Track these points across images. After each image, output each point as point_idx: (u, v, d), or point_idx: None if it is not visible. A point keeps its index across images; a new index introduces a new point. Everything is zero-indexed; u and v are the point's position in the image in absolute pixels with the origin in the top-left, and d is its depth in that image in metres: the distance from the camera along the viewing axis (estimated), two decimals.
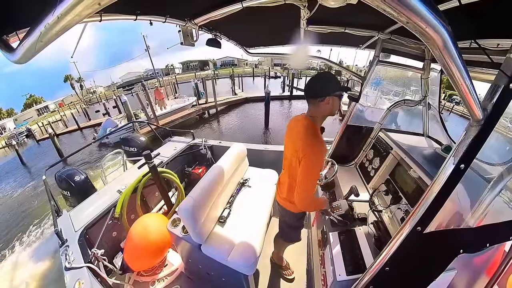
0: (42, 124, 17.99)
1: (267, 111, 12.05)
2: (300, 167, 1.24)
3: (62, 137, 15.40)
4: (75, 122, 17.03)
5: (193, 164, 3.34)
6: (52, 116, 26.18)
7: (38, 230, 5.80)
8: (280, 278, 2.01)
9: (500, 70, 0.64)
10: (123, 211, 2.09)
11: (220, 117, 14.70)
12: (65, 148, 12.26)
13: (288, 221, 1.67)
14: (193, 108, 13.91)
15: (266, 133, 11.65)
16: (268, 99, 11.84)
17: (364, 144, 2.28)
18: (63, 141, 14.57)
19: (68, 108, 29.37)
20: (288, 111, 16.09)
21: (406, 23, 0.52)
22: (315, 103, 1.25)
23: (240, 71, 42.94)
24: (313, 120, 1.29)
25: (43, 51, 0.60)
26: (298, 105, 17.19)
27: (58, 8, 0.48)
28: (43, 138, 16.24)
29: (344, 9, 1.01)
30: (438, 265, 0.93)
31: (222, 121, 14.09)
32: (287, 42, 2.25)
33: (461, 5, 0.91)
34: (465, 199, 0.93)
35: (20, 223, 6.39)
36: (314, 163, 1.23)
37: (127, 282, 2.01)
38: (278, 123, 12.89)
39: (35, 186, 8.99)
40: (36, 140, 16.26)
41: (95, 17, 1.03)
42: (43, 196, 7.45)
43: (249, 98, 17.81)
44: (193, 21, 1.47)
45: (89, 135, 14.85)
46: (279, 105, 17.34)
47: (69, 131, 16.58)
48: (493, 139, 0.78)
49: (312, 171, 1.24)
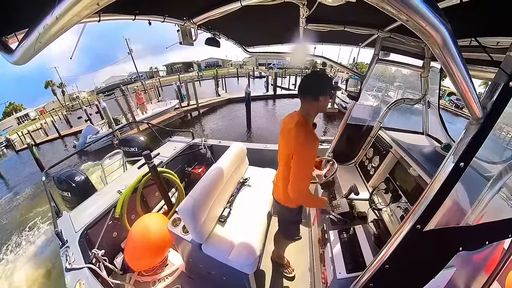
0: (22, 133, 16.36)
1: (248, 112, 11.84)
2: (293, 162, 1.27)
3: (42, 146, 14.62)
4: (55, 130, 16.01)
5: (193, 164, 3.34)
6: (32, 125, 24.09)
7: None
8: (281, 277, 2.02)
9: (500, 68, 0.64)
10: (123, 212, 2.09)
11: (203, 119, 14.45)
12: (47, 158, 11.68)
13: (285, 216, 1.68)
14: (175, 111, 13.55)
15: (248, 134, 11.41)
16: (248, 100, 11.59)
17: (364, 142, 2.28)
18: (44, 150, 13.86)
19: (49, 115, 27.27)
20: (272, 111, 15.99)
21: (406, 21, 0.52)
22: (308, 101, 1.29)
23: (224, 72, 42.78)
24: (305, 117, 1.32)
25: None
26: (282, 104, 17.04)
27: (56, 9, 0.48)
28: (23, 148, 14.87)
29: (343, 7, 1.00)
30: (437, 262, 0.94)
31: (204, 123, 13.83)
32: (286, 41, 2.24)
33: (461, 3, 0.91)
34: (464, 197, 0.94)
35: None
36: (306, 157, 1.26)
37: (128, 282, 2.01)
38: (262, 123, 12.72)
39: (10, 198, 8.44)
40: (15, 151, 15.03)
41: (94, 17, 1.02)
42: (21, 209, 7.26)
43: (232, 99, 17.47)
44: (191, 20, 1.46)
45: (71, 143, 13.56)
46: (263, 105, 17.15)
47: (50, 140, 15.59)
48: (493, 138, 0.78)
49: (304, 166, 1.27)
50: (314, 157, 1.30)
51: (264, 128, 11.95)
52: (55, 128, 16.40)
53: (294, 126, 1.29)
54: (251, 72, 28.79)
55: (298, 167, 1.26)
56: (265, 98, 18.64)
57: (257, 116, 13.61)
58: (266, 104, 17.57)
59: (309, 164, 1.28)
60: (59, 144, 14.80)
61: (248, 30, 1.93)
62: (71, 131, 16.26)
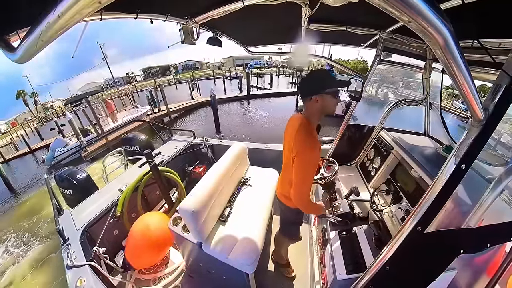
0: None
1: (216, 115, 11.44)
2: (294, 165, 1.25)
3: (12, 162, 13.35)
4: (26, 144, 14.42)
5: (194, 163, 3.35)
6: (3, 139, 20.48)
7: None
8: (281, 277, 2.02)
9: (502, 70, 0.64)
10: (124, 210, 2.10)
11: (174, 124, 14.03)
12: (16, 175, 10.66)
13: (287, 216, 1.68)
14: (148, 117, 12.88)
15: (218, 137, 10.96)
16: (214, 103, 11.38)
17: (365, 143, 2.27)
18: (14, 167, 12.58)
19: (21, 127, 24.74)
20: (244, 111, 15.76)
21: (408, 22, 0.51)
22: (306, 102, 1.28)
23: (201, 74, 42.42)
24: (308, 118, 1.30)
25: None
26: (256, 104, 16.93)
27: (58, 7, 0.48)
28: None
29: (345, 8, 1.00)
30: (438, 265, 0.93)
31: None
32: (288, 41, 2.24)
33: (463, 4, 0.90)
34: (466, 199, 0.93)
35: None
36: (307, 161, 1.23)
37: (129, 280, 2.02)
38: (233, 124, 12.35)
39: None
40: None
41: (96, 15, 1.03)
42: None
43: (204, 102, 16.87)
44: (193, 19, 1.46)
45: (41, 157, 11.65)
46: (238, 106, 16.98)
47: (20, 155, 14.15)
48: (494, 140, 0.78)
49: (305, 170, 1.24)
50: (315, 160, 1.26)
51: (235, 131, 11.70)
52: (25, 142, 14.91)
53: (296, 128, 1.28)
54: (226, 73, 28.21)
55: (298, 169, 1.24)
56: (240, 99, 18.41)
57: (230, 118, 13.45)
58: (241, 105, 17.39)
59: (309, 167, 1.25)
60: (30, 159, 13.53)
61: (250, 29, 1.93)
62: (42, 144, 14.87)
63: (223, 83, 21.76)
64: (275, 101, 18.38)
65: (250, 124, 12.94)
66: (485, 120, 0.66)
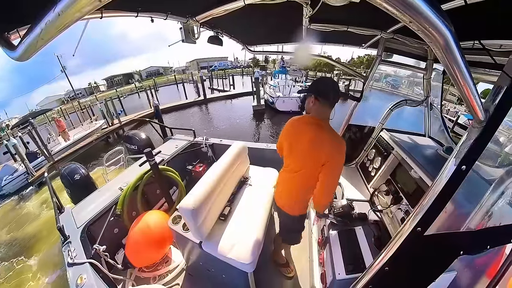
0: None
1: (162, 126, 10.83)
2: (326, 169, 1.26)
3: None
4: None
5: (194, 162, 3.34)
6: None
7: None
8: (280, 276, 2.02)
9: (502, 71, 0.63)
10: (125, 208, 2.10)
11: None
12: None
13: (286, 224, 1.67)
14: (102, 131, 12.44)
15: None
16: (158, 113, 11.41)
17: (365, 143, 2.27)
18: None
19: None
20: (206, 115, 15.77)
21: (409, 22, 0.51)
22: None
23: (164, 80, 41.49)
24: (322, 120, 1.31)
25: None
26: (214, 108, 17.07)
27: (59, 5, 0.48)
28: None
29: (347, 8, 1.00)
30: (438, 266, 0.93)
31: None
32: (289, 40, 2.24)
33: (465, 5, 0.90)
34: (466, 200, 0.93)
35: None
36: (341, 163, 1.27)
37: (129, 277, 2.03)
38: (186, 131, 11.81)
39: None
40: None
41: (96, 13, 1.02)
42: None
43: (159, 110, 15.98)
44: (194, 18, 1.46)
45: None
46: (198, 110, 16.90)
47: None
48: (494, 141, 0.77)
49: (339, 172, 1.29)
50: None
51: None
52: None
53: (319, 132, 1.26)
54: (184, 78, 27.92)
55: (333, 174, 1.27)
56: (199, 104, 18.29)
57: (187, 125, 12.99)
58: (200, 109, 17.34)
59: (341, 169, 1.30)
60: None
61: (251, 28, 1.92)
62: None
63: (184, 88, 21.58)
64: (235, 102, 18.71)
65: (206, 128, 12.87)
66: (486, 121, 0.66)
